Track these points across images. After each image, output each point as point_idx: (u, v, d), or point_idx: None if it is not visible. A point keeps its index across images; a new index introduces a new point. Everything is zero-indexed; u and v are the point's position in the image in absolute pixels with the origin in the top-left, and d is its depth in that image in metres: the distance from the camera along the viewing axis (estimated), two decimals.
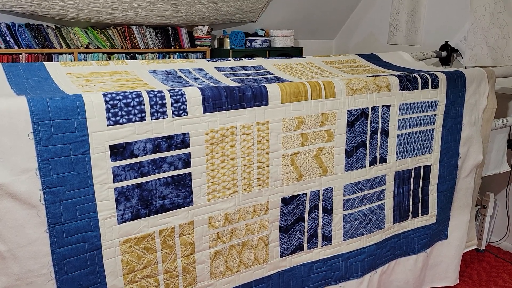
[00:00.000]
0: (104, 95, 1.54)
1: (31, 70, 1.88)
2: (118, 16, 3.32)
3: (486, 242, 3.28)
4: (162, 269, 1.75)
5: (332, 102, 2.04)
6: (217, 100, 1.74)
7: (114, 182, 1.58)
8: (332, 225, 2.18)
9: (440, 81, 2.36)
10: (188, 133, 1.70)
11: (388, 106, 2.22)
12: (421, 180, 2.45)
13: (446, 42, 3.44)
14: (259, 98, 1.84)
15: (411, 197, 2.44)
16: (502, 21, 3.10)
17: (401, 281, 2.54)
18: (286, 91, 1.90)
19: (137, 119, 1.59)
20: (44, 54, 3.19)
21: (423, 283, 2.68)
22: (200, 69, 2.23)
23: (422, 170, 2.44)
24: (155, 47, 3.60)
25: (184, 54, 3.75)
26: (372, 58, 2.94)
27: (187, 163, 1.72)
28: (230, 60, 2.43)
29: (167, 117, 1.65)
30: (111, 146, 1.55)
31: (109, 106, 1.53)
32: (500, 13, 3.12)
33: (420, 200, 2.48)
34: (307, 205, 2.09)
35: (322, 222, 2.15)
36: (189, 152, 1.72)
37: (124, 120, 1.56)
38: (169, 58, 3.68)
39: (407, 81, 2.25)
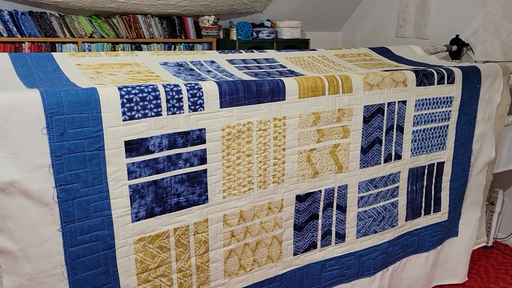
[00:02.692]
0: (120, 88, 1.47)
1: (39, 60, 1.82)
2: (123, 4, 3.23)
3: (493, 238, 3.26)
4: (176, 268, 1.71)
5: (349, 97, 1.98)
6: (234, 95, 1.68)
7: (128, 179, 1.53)
8: (346, 223, 2.14)
9: (456, 76, 2.31)
10: (205, 129, 1.65)
11: (404, 102, 2.17)
12: (434, 177, 2.42)
13: (457, 36, 3.38)
14: (276, 93, 1.78)
15: (424, 194, 2.40)
16: None
17: (411, 279, 2.52)
18: (303, 86, 1.84)
19: (153, 114, 1.53)
20: (48, 43, 3.11)
21: (432, 280, 2.66)
22: (212, 62, 2.17)
23: (435, 167, 2.40)
24: (160, 37, 3.52)
25: (190, 44, 3.68)
26: (384, 51, 2.89)
27: (202, 159, 1.67)
28: (241, 52, 2.36)
29: (183, 112, 1.59)
30: (126, 142, 1.50)
31: (125, 101, 1.47)
32: None
33: (433, 197, 2.44)
34: (321, 203, 2.04)
35: (336, 219, 2.11)
36: (205, 148, 1.67)
37: (140, 115, 1.50)
38: (175, 48, 3.60)
39: (424, 76, 2.20)
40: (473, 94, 2.40)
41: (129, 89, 1.49)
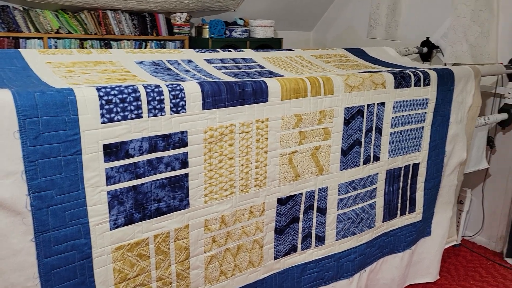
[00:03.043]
0: (98, 89, 1.39)
1: (5, 58, 1.70)
2: None
3: (461, 236, 3.35)
4: (156, 277, 1.64)
5: (330, 99, 1.97)
6: (216, 96, 1.63)
7: (107, 185, 1.45)
8: (325, 225, 2.13)
9: (431, 79, 2.34)
10: (186, 132, 1.59)
11: (383, 104, 2.18)
12: (409, 178, 2.44)
13: (427, 38, 3.45)
14: (259, 94, 1.74)
15: (400, 195, 2.43)
16: (483, 19, 3.13)
17: (387, 279, 2.54)
18: (286, 87, 1.81)
19: (133, 116, 1.45)
20: (11, 38, 2.93)
21: (406, 279, 2.70)
22: (189, 61, 2.10)
23: (411, 168, 2.43)
24: (131, 34, 3.40)
25: (161, 42, 3.58)
26: (359, 52, 2.90)
27: (184, 163, 1.61)
28: (219, 51, 2.31)
29: (164, 114, 1.52)
30: (105, 145, 1.42)
31: (103, 102, 1.39)
32: (481, 11, 3.14)
33: (408, 198, 2.47)
34: (302, 206, 2.02)
35: (316, 222, 2.09)
36: (187, 152, 1.61)
37: (119, 117, 1.43)
38: (146, 46, 3.49)
39: (401, 78, 2.22)
40: (447, 96, 2.44)
41: (108, 89, 1.41)
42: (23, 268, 1.33)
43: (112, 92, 1.41)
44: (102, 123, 1.40)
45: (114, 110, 1.41)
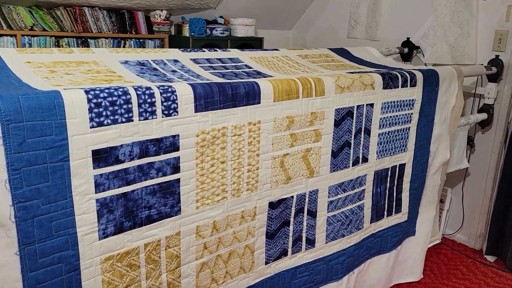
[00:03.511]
0: (87, 92, 1.31)
1: None
2: None
3: (442, 234, 3.39)
4: (146, 286, 1.57)
5: (321, 100, 1.94)
6: (209, 98, 1.57)
7: (96, 193, 1.37)
8: (316, 228, 2.10)
9: (417, 79, 2.35)
10: (178, 135, 1.52)
11: (372, 105, 2.16)
12: (396, 179, 2.45)
13: (408, 38, 3.47)
14: (251, 96, 1.69)
15: (387, 196, 2.43)
16: (463, 20, 3.17)
17: (374, 280, 2.54)
18: (278, 89, 1.77)
19: (124, 120, 1.38)
20: None
21: (392, 280, 2.70)
22: (176, 61, 2.03)
23: (397, 169, 2.43)
24: (109, 31, 3.28)
25: (141, 40, 3.47)
26: (343, 52, 2.89)
27: (176, 168, 1.55)
28: (204, 51, 2.25)
29: (156, 118, 1.46)
30: (94, 151, 1.34)
31: (92, 105, 1.31)
32: (460, 12, 3.19)
33: (395, 199, 2.48)
34: (293, 209, 1.99)
35: (307, 225, 2.06)
36: (179, 156, 1.54)
37: (109, 121, 1.35)
38: (125, 44, 3.38)
39: (389, 79, 2.21)
40: (432, 97, 2.46)
41: (97, 92, 1.33)
42: (7, 283, 1.25)
43: (102, 95, 1.33)
44: (91, 127, 1.32)
45: (104, 113, 1.34)
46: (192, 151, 1.58)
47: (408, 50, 3.46)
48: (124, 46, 3.38)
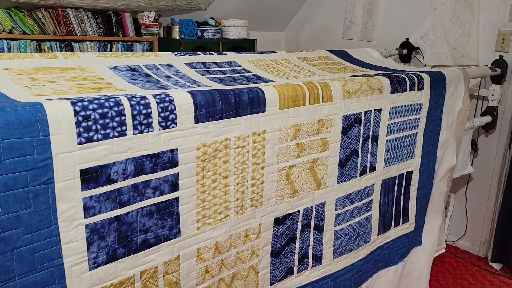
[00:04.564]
0: (73, 103, 1.15)
1: None
2: None
3: (445, 241, 3.28)
4: None
5: (329, 106, 1.80)
6: (210, 107, 1.42)
7: (85, 218, 1.21)
8: (323, 243, 1.96)
9: (425, 82, 2.22)
10: (177, 149, 1.37)
11: (380, 110, 2.03)
12: (403, 187, 2.32)
13: (407, 39, 3.36)
14: (256, 103, 1.54)
15: (394, 206, 2.30)
16: (463, 20, 3.07)
17: None
18: (284, 95, 1.62)
19: (116, 134, 1.22)
20: None
21: None
22: (169, 65, 1.88)
23: (404, 176, 2.30)
24: (94, 34, 3.10)
25: (128, 43, 3.28)
26: (343, 54, 2.76)
27: (174, 186, 1.39)
28: (199, 54, 2.09)
29: (152, 130, 1.30)
30: (83, 171, 1.17)
31: (80, 118, 1.15)
32: (461, 11, 3.08)
33: (402, 208, 2.35)
34: (299, 224, 1.84)
35: (313, 241, 1.92)
36: (177, 173, 1.39)
37: (100, 136, 1.19)
38: (111, 47, 3.19)
39: (397, 82, 2.08)
40: (439, 101, 2.34)
41: (85, 103, 1.16)
42: None
43: (91, 106, 1.17)
44: (79, 143, 1.15)
45: (93, 127, 1.17)
46: (192, 166, 1.42)
47: (407, 51, 3.34)
48: (111, 50, 3.19)
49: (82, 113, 1.15)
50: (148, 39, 3.36)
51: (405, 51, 3.34)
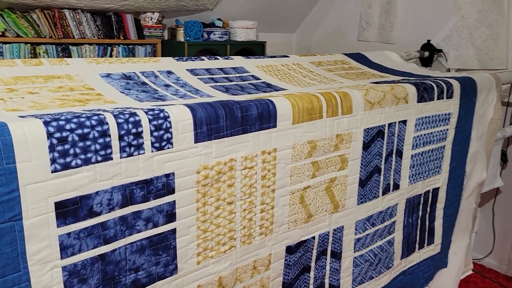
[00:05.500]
0: (46, 123, 0.95)
1: None
2: None
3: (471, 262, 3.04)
4: None
5: (349, 119, 1.59)
6: (213, 123, 1.22)
7: (62, 258, 1.01)
8: (340, 272, 1.75)
9: (454, 89, 2.00)
10: (173, 174, 1.17)
11: (405, 122, 1.82)
12: (428, 206, 2.10)
13: (428, 41, 3.13)
14: (266, 118, 1.34)
15: (419, 226, 2.08)
16: (492, 20, 2.83)
17: None
18: (298, 108, 1.42)
19: (100, 158, 1.02)
20: None
21: None
22: (169, 72, 1.68)
23: (430, 194, 2.08)
24: (93, 37, 2.92)
25: (130, 46, 3.10)
26: (360, 58, 2.54)
27: (170, 216, 1.19)
28: (203, 59, 1.89)
29: (143, 153, 1.10)
30: (58, 203, 0.98)
31: (55, 141, 0.95)
32: (489, 11, 2.85)
33: (427, 229, 2.13)
34: (314, 251, 1.63)
35: (330, 269, 1.71)
36: (174, 201, 1.19)
37: (79, 162, 0.99)
38: (112, 51, 3.01)
39: (424, 90, 1.86)
40: (469, 109, 2.11)
41: (61, 123, 0.97)
42: None
43: (68, 126, 0.97)
44: (53, 171, 0.96)
45: (71, 152, 0.98)
46: (191, 193, 1.22)
47: (429, 54, 3.11)
48: (111, 54, 3.01)
49: (57, 134, 0.96)
50: (151, 41, 3.17)
51: (426, 53, 3.11)
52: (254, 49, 3.59)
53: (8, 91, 1.26)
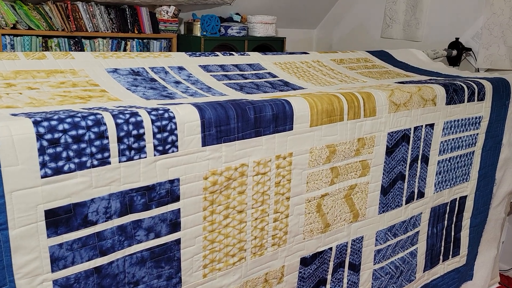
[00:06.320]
0: (36, 122, 0.86)
1: None
2: None
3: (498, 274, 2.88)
4: None
5: (372, 122, 1.47)
6: (223, 125, 1.11)
7: (53, 271, 0.93)
8: (359, 285, 1.63)
9: (486, 91, 1.86)
10: (178, 180, 1.07)
11: (432, 125, 1.69)
12: (455, 215, 1.96)
13: (457, 39, 2.97)
14: (281, 119, 1.23)
15: (444, 237, 1.95)
16: None
17: None
18: (317, 109, 1.30)
19: (96, 162, 0.93)
20: None
21: None
22: (180, 68, 1.58)
23: (457, 202, 1.95)
24: (107, 30, 2.84)
25: (144, 41, 3.02)
26: (384, 56, 2.40)
27: (174, 225, 1.09)
28: (218, 55, 1.78)
29: (145, 157, 1.00)
30: (49, 212, 0.89)
31: (45, 143, 0.86)
32: None
33: (452, 239, 2.00)
34: (331, 263, 1.52)
35: (348, 282, 1.59)
36: (179, 209, 1.09)
37: (73, 166, 0.90)
38: (126, 45, 2.94)
39: (454, 91, 1.73)
40: (501, 113, 1.97)
41: (53, 122, 0.88)
42: None
43: (61, 127, 0.88)
44: (43, 176, 0.87)
45: (64, 155, 0.89)
46: (198, 200, 1.12)
47: (458, 52, 2.95)
48: (125, 48, 2.94)
49: (48, 136, 0.87)
50: (166, 36, 3.09)
51: (454, 52, 2.94)
52: (273, 45, 3.48)
53: (6, 86, 1.18)
